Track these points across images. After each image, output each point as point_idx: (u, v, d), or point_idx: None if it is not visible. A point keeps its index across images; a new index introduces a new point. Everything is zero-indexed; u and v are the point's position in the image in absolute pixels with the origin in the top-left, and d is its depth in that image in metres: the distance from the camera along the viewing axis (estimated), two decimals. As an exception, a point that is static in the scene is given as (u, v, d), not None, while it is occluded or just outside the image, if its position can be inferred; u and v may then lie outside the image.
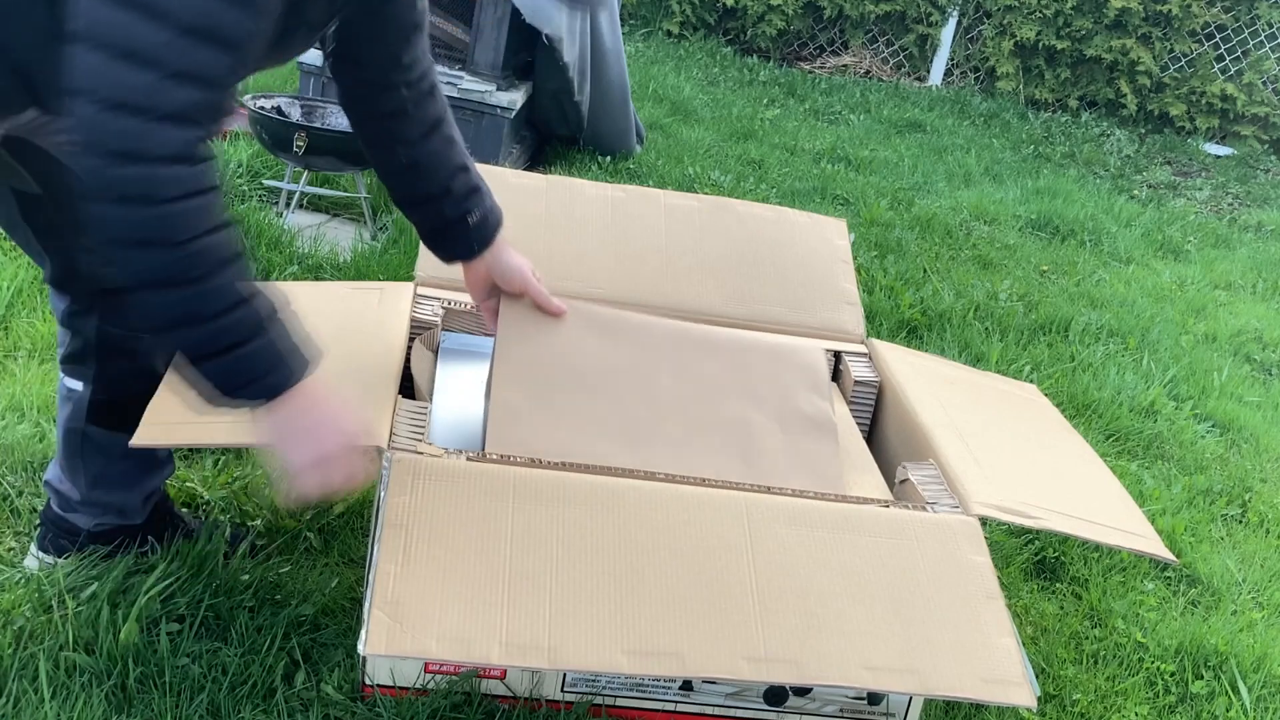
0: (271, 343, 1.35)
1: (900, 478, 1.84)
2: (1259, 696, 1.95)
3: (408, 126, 1.67)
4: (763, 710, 1.66)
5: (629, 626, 1.45)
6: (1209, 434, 2.93)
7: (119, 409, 1.67)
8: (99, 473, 1.72)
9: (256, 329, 1.33)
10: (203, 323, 1.29)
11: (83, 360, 1.66)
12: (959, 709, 1.79)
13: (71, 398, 1.69)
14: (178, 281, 1.26)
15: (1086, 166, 5.50)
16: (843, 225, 2.41)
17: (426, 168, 1.70)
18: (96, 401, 1.68)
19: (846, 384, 2.16)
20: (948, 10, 6.54)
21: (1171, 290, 3.97)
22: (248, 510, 1.98)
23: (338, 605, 1.78)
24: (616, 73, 4.11)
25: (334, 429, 1.43)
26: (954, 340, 3.18)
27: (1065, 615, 2.10)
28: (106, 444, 1.69)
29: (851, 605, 1.54)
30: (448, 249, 1.78)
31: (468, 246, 1.76)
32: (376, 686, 1.58)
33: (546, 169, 4.02)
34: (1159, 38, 6.26)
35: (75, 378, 1.68)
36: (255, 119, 3.07)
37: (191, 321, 1.29)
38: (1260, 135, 6.35)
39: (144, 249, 1.24)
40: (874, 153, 5.04)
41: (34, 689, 1.52)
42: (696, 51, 6.35)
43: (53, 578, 1.69)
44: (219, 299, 1.29)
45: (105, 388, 1.67)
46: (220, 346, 1.31)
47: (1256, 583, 2.30)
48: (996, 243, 4.12)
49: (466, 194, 1.73)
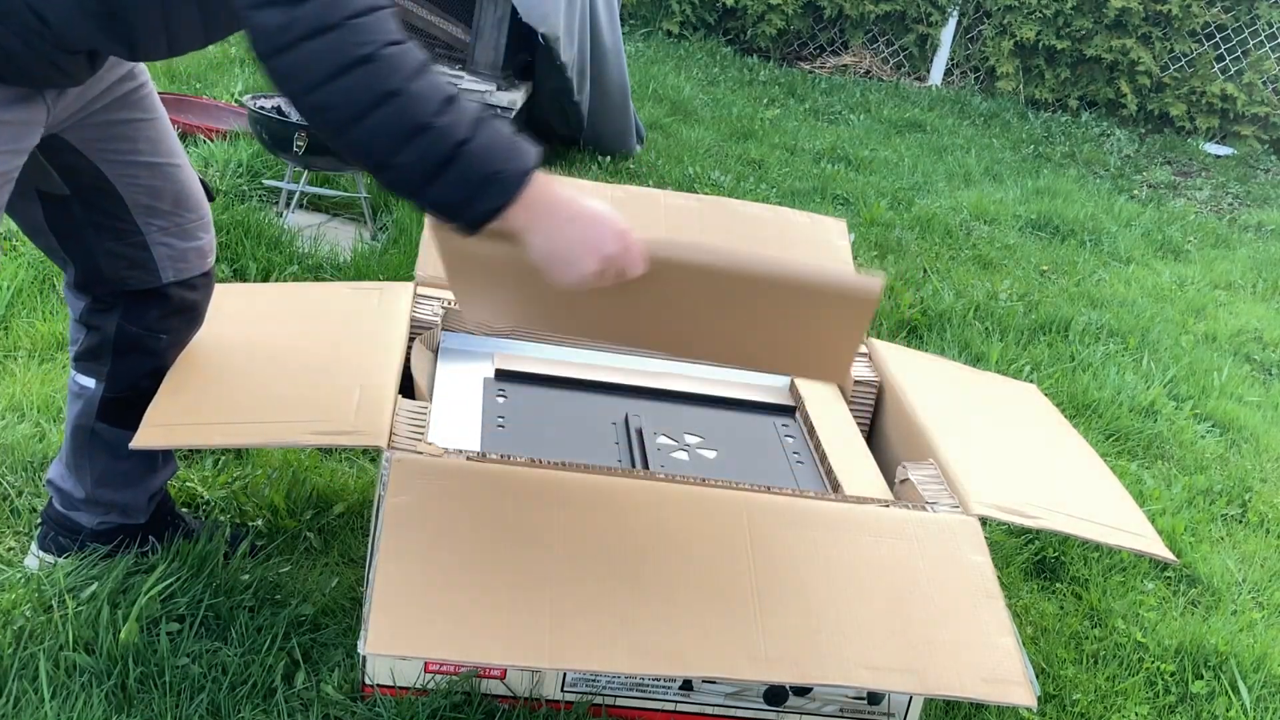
0: (496, 130, 1.29)
1: (900, 478, 1.84)
2: (1259, 696, 1.95)
3: None
4: (763, 710, 1.66)
5: (629, 626, 1.45)
6: (1209, 434, 2.93)
7: (129, 407, 1.67)
8: (104, 470, 1.72)
9: (476, 122, 1.27)
10: (425, 130, 1.24)
11: (98, 357, 1.67)
12: (959, 709, 1.78)
13: (83, 394, 1.69)
14: (387, 95, 1.22)
15: (1086, 166, 5.50)
16: (843, 225, 2.41)
17: None
18: (107, 399, 1.68)
19: (846, 384, 2.16)
20: (948, 10, 6.54)
21: (1171, 290, 3.97)
22: (248, 510, 1.98)
23: (338, 605, 1.78)
24: (616, 73, 4.11)
25: (595, 213, 1.34)
26: (954, 340, 3.18)
27: (1065, 615, 2.10)
28: (114, 441, 1.70)
29: (851, 605, 1.54)
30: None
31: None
32: (376, 686, 1.59)
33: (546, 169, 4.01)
34: (1159, 38, 6.26)
35: (88, 375, 1.68)
36: (255, 119, 3.07)
37: (415, 133, 1.24)
38: (1260, 135, 6.35)
39: (345, 75, 1.21)
40: (874, 153, 5.04)
41: (34, 689, 1.52)
42: (696, 51, 6.35)
43: (53, 577, 1.69)
44: (430, 99, 1.24)
45: (117, 386, 1.68)
46: (450, 146, 1.25)
47: (1256, 583, 2.30)
48: (996, 243, 4.12)
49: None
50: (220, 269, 2.78)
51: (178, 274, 1.65)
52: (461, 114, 1.26)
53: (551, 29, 3.62)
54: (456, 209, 1.28)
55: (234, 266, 2.81)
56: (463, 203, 1.28)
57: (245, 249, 2.85)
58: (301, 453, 2.12)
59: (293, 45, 1.20)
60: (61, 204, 1.55)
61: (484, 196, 1.28)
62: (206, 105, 3.88)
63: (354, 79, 1.21)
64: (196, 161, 3.36)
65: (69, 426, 1.72)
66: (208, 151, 3.41)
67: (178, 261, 1.64)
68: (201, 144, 3.49)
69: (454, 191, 1.27)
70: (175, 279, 1.65)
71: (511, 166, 1.28)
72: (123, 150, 1.54)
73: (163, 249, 1.62)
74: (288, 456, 2.10)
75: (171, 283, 1.64)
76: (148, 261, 1.61)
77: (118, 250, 1.59)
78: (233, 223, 2.92)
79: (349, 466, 2.15)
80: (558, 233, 1.32)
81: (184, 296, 1.67)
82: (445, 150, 1.24)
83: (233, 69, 4.46)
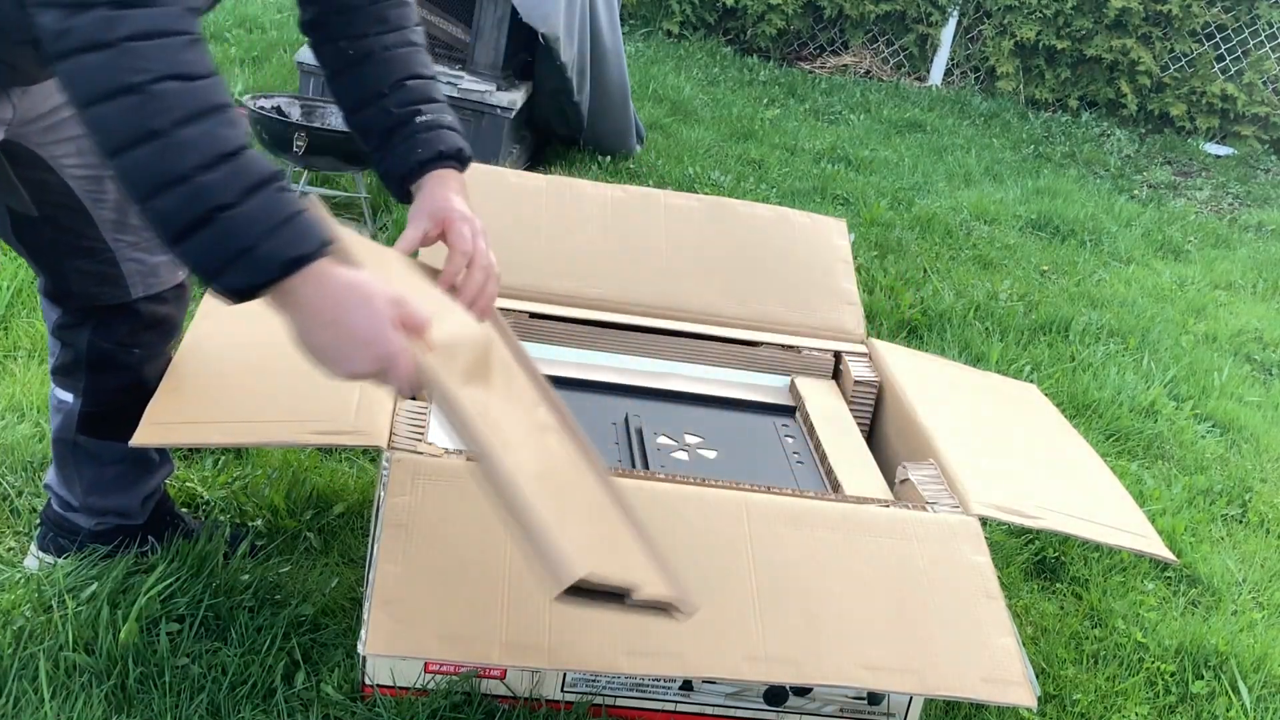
0: (272, 205, 1.14)
1: (900, 478, 1.84)
2: (1259, 696, 1.95)
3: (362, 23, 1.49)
4: (763, 710, 1.66)
5: (629, 626, 1.45)
6: (1209, 434, 2.93)
7: (108, 420, 1.66)
8: (93, 479, 1.72)
9: (251, 189, 1.13)
10: (181, 182, 1.11)
11: (72, 373, 1.65)
12: (959, 709, 1.78)
13: (62, 409, 1.68)
14: (148, 134, 1.10)
15: (1087, 166, 5.50)
16: (843, 225, 2.41)
17: (380, 62, 1.49)
18: (85, 413, 1.66)
19: (846, 384, 2.16)
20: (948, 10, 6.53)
21: (1172, 290, 3.97)
22: (248, 510, 1.98)
23: (338, 605, 1.78)
24: (616, 73, 4.11)
25: (359, 328, 1.19)
26: (954, 340, 3.18)
27: (1065, 615, 2.10)
28: (98, 451, 1.69)
29: (851, 605, 1.54)
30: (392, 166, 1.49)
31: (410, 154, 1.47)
32: (376, 686, 1.58)
33: (546, 169, 4.02)
34: (1159, 38, 6.26)
35: (65, 389, 1.67)
36: (255, 119, 3.07)
37: (170, 183, 1.11)
38: (1260, 135, 6.35)
39: (110, 101, 1.10)
40: (874, 153, 5.04)
41: (34, 689, 1.52)
42: (696, 51, 6.35)
43: (53, 578, 1.69)
44: (198, 151, 1.11)
45: (95, 400, 1.66)
46: (206, 208, 1.11)
47: (1256, 583, 2.30)
48: (996, 243, 4.12)
49: (422, 97, 1.50)
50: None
51: (147, 289, 1.62)
52: (235, 176, 1.13)
53: (551, 29, 3.62)
54: (206, 276, 1.16)
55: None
56: (212, 272, 1.15)
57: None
58: (301, 453, 2.12)
59: (69, 54, 1.10)
60: (30, 223, 1.53)
61: (232, 272, 1.14)
62: (206, 105, 3.87)
63: (117, 108, 1.10)
64: (196, 161, 3.36)
65: (51, 438, 1.71)
66: (208, 151, 3.41)
67: (148, 276, 1.61)
68: (201, 144, 3.49)
69: (202, 257, 1.14)
70: (145, 294, 1.62)
71: (269, 249, 1.14)
72: (91, 164, 1.51)
73: (132, 264, 1.59)
74: (288, 456, 2.10)
75: (141, 298, 1.62)
76: (118, 278, 1.59)
77: (87, 268, 1.57)
78: (233, 223, 2.91)
79: (349, 466, 2.15)
80: (311, 334, 1.19)
81: (154, 311, 1.64)
82: (199, 211, 1.12)
83: (232, 69, 4.47)
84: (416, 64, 1.52)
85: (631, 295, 2.19)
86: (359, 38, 1.49)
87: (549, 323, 2.14)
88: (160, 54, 1.11)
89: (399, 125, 1.48)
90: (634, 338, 2.16)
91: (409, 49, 1.52)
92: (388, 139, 1.49)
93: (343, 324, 1.18)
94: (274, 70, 4.53)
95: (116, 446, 1.67)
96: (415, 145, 1.48)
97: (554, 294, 2.16)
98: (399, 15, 1.52)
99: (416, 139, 1.48)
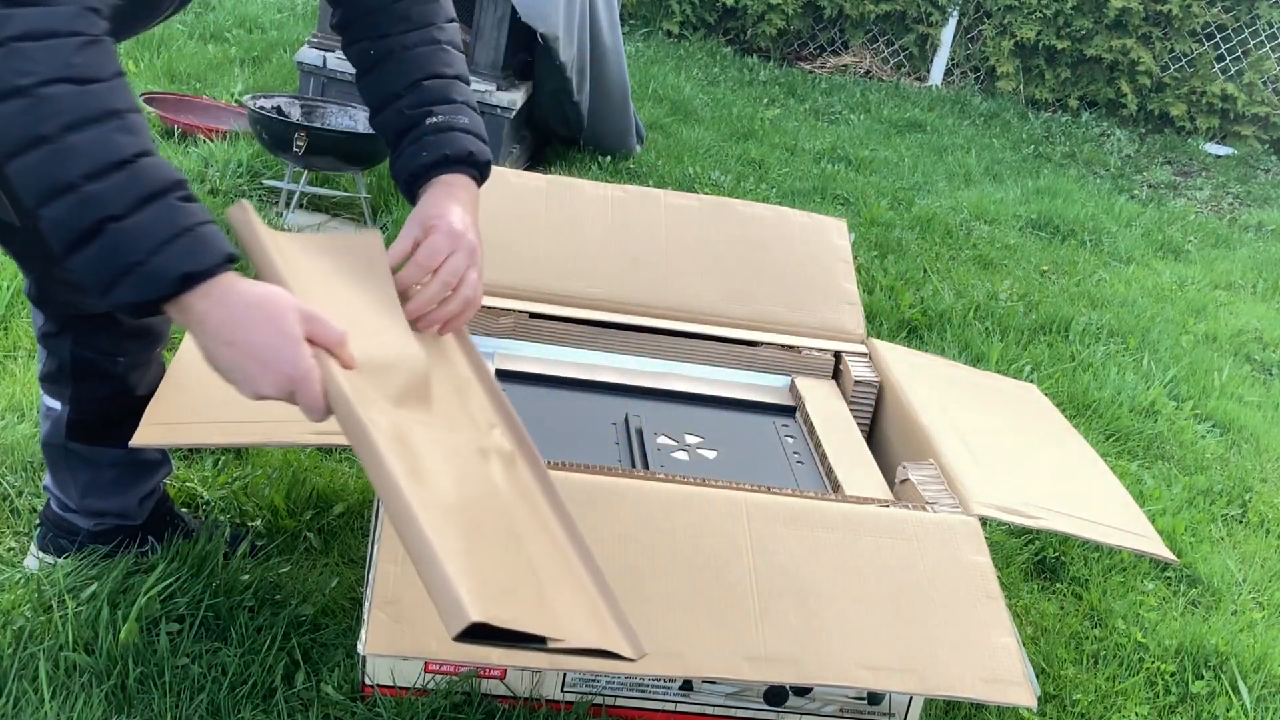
0: (168, 217, 1.08)
1: (900, 478, 1.84)
2: (1259, 696, 1.95)
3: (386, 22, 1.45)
4: (763, 710, 1.66)
5: (629, 626, 1.45)
6: (1209, 434, 2.93)
7: (97, 427, 1.65)
8: (89, 482, 1.71)
9: (145, 200, 1.07)
10: (68, 191, 1.05)
11: (58, 381, 1.64)
12: (959, 709, 1.78)
13: (50, 416, 1.67)
14: (35, 140, 1.05)
15: (1087, 166, 5.50)
16: (843, 225, 2.41)
17: (399, 61, 1.45)
18: (74, 420, 1.65)
19: (846, 384, 2.16)
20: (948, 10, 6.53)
21: (1172, 290, 3.97)
22: (248, 510, 1.98)
23: (338, 605, 1.78)
24: (616, 72, 4.11)
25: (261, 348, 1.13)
26: (954, 340, 3.18)
27: (1065, 615, 2.10)
28: (91, 456, 1.68)
29: (851, 605, 1.54)
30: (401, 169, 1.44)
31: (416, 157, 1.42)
32: (376, 686, 1.58)
33: (546, 169, 4.02)
34: (1159, 38, 6.26)
35: (53, 397, 1.66)
36: (255, 119, 3.07)
37: (58, 191, 1.05)
38: (1260, 135, 6.35)
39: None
40: (874, 153, 5.04)
41: (34, 689, 1.52)
42: (696, 51, 6.35)
43: (53, 578, 1.69)
44: (89, 158, 1.06)
45: (81, 409, 1.65)
46: (95, 219, 1.06)
47: (1257, 583, 2.30)
48: (996, 243, 4.12)
49: (437, 98, 1.44)
50: (220, 269, 2.78)
51: None
52: (127, 185, 1.06)
53: (551, 29, 3.62)
54: (98, 291, 1.09)
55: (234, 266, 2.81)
56: (102, 286, 1.09)
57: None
58: (301, 453, 2.12)
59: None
60: (14, 231, 1.50)
61: (122, 288, 1.08)
62: (206, 105, 3.88)
63: (5, 110, 1.04)
64: (197, 161, 3.36)
65: (41, 443, 1.71)
66: (208, 151, 3.41)
67: None
68: (201, 144, 3.49)
69: (92, 271, 1.08)
70: None
71: (160, 263, 1.07)
72: None
73: None
74: (288, 456, 2.10)
75: None
76: None
77: (65, 276, 1.55)
78: (233, 223, 2.91)
79: (349, 466, 2.15)
80: (213, 354, 1.15)
81: (136, 320, 1.60)
82: (88, 222, 1.06)
83: (233, 69, 4.47)
84: (438, 63, 1.46)
85: (631, 295, 2.19)
86: (381, 38, 1.45)
87: (549, 323, 2.14)
88: (50, 55, 1.05)
89: (410, 127, 1.44)
90: (634, 338, 2.16)
91: (431, 48, 1.47)
92: (399, 141, 1.45)
93: (244, 344, 1.13)
94: (274, 70, 4.53)
95: (109, 452, 1.67)
96: (422, 148, 1.42)
97: (554, 294, 2.17)
98: (423, 12, 1.48)
99: (424, 141, 1.42)
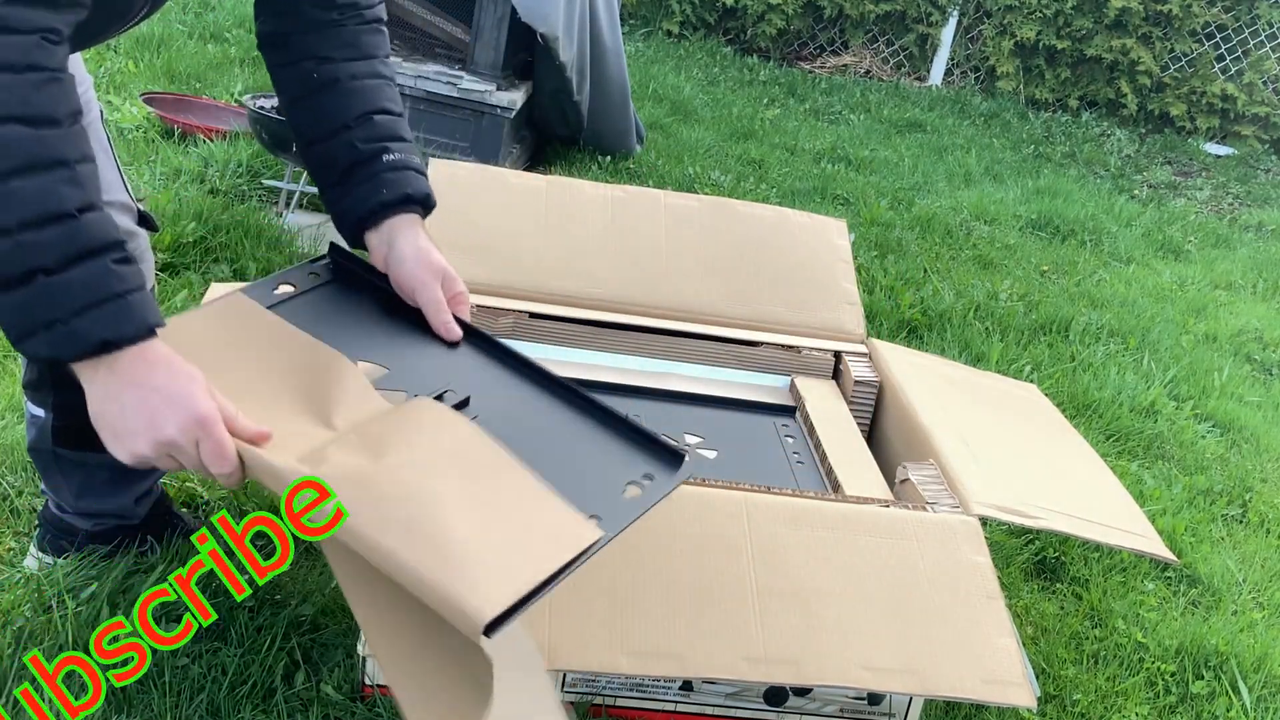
0: (100, 278, 1.05)
1: (900, 478, 1.84)
2: (1259, 696, 1.95)
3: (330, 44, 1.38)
4: (763, 710, 1.66)
5: (629, 626, 1.45)
6: (1209, 434, 2.93)
7: (83, 433, 1.64)
8: (82, 485, 1.70)
9: (79, 257, 1.04)
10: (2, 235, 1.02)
11: (40, 388, 1.63)
12: (959, 709, 1.78)
13: (35, 423, 1.66)
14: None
15: (1087, 166, 5.50)
16: (843, 225, 2.41)
17: (346, 91, 1.38)
18: (58, 427, 1.64)
19: (846, 384, 2.16)
20: (948, 10, 6.53)
21: (1172, 290, 3.97)
22: (248, 510, 1.98)
23: (338, 605, 1.78)
24: (616, 72, 4.11)
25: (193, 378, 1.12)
26: (954, 340, 3.18)
27: (1065, 615, 2.10)
28: (80, 460, 1.68)
29: (851, 605, 1.54)
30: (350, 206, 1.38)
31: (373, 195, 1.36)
32: (376, 686, 1.58)
33: (546, 169, 4.02)
34: (1159, 38, 6.26)
35: (37, 404, 1.65)
36: (255, 119, 3.07)
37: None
38: (1260, 135, 6.35)
39: None
40: (874, 153, 5.04)
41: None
42: (696, 51, 6.35)
43: (52, 578, 1.69)
44: (25, 206, 1.02)
45: (64, 416, 1.63)
46: (23, 269, 1.03)
47: (1257, 583, 2.30)
48: (996, 243, 4.12)
49: (390, 134, 1.38)
50: (220, 269, 2.78)
51: None
52: (63, 240, 1.04)
53: (551, 29, 3.62)
54: (10, 336, 1.08)
55: (234, 267, 2.81)
56: (19, 333, 1.07)
57: (245, 249, 2.85)
58: (301, 453, 2.11)
59: None
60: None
61: (36, 341, 1.06)
62: (206, 105, 3.88)
63: None
64: (197, 161, 3.36)
65: (27, 448, 1.70)
66: (208, 151, 3.41)
67: None
68: (201, 144, 3.49)
69: (13, 316, 1.06)
70: None
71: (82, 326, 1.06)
72: None
73: None
74: (288, 456, 2.10)
75: None
76: None
77: None
78: (232, 223, 2.92)
79: (349, 466, 2.15)
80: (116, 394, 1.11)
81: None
82: (19, 270, 1.03)
83: (232, 69, 4.47)
84: (385, 99, 1.41)
85: (631, 295, 2.19)
86: (326, 61, 1.39)
87: (549, 323, 2.14)
88: (4, 93, 1.02)
89: (362, 162, 1.38)
90: (634, 338, 2.16)
91: (379, 81, 1.42)
92: (348, 176, 1.38)
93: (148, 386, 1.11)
94: (274, 70, 4.52)
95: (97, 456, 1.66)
96: (380, 185, 1.37)
97: (554, 294, 2.17)
98: (371, 43, 1.43)
99: (381, 179, 1.37)
